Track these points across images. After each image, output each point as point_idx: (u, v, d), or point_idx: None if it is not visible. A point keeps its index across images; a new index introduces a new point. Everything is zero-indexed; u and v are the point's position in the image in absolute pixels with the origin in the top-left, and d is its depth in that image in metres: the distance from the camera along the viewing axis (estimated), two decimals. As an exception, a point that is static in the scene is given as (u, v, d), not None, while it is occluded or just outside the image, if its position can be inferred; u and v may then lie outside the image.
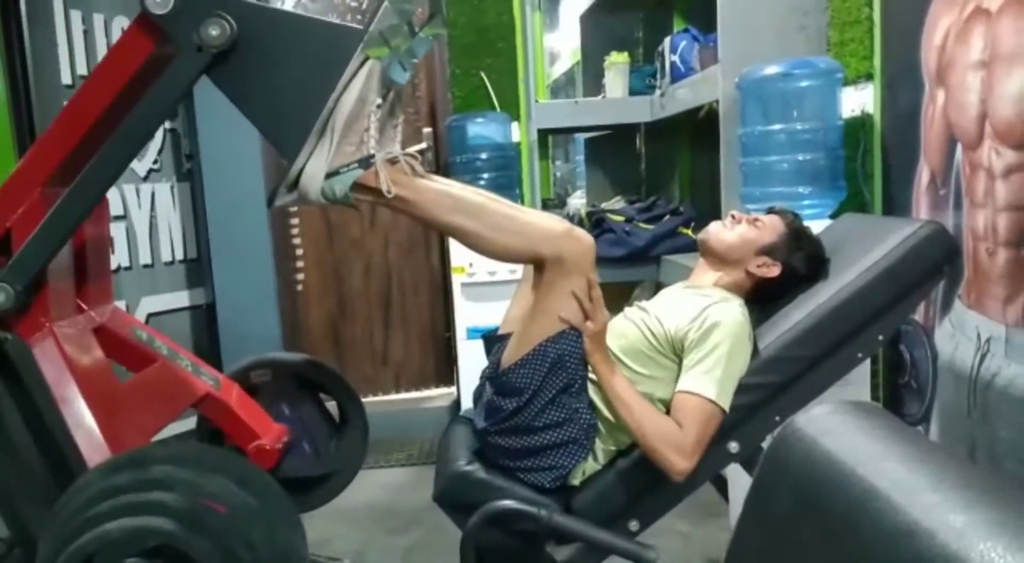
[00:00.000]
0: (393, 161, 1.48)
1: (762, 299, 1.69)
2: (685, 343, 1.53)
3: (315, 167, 1.42)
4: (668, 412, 1.52)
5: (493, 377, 1.57)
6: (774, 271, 1.66)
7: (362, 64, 1.42)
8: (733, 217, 1.72)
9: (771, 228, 1.69)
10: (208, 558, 1.14)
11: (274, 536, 1.21)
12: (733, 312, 1.54)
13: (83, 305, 1.65)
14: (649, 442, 1.48)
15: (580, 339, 1.50)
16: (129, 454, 1.27)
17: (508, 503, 1.48)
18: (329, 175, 1.43)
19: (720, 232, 1.71)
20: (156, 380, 1.66)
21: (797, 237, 1.69)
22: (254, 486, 1.26)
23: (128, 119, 1.39)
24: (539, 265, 1.51)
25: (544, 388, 1.50)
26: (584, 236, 1.50)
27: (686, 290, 1.69)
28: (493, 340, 1.68)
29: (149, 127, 1.45)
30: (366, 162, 1.44)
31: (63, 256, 1.52)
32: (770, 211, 1.75)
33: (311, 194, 1.44)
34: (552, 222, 1.52)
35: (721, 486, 2.43)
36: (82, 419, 1.41)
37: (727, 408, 1.48)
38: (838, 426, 0.66)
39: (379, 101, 1.46)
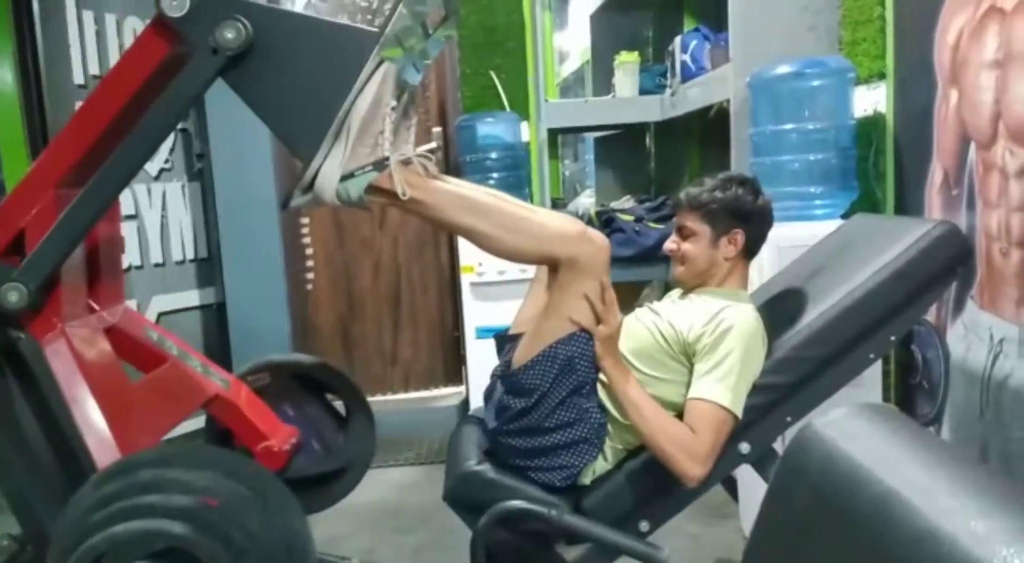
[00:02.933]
0: (406, 162, 1.49)
1: (755, 253, 1.66)
2: (697, 347, 1.52)
3: (330, 169, 1.43)
4: (678, 415, 1.51)
5: (504, 376, 1.57)
6: (740, 238, 1.61)
7: (377, 66, 1.42)
8: (673, 250, 1.66)
9: (696, 224, 1.62)
10: (205, 550, 1.15)
11: (272, 522, 1.21)
12: (746, 316, 1.53)
13: (94, 305, 1.66)
14: (663, 448, 1.47)
15: (591, 341, 1.50)
16: (117, 462, 1.28)
17: (518, 503, 1.48)
18: (344, 177, 1.43)
19: (683, 270, 1.65)
20: (166, 381, 1.66)
21: (716, 202, 1.61)
22: (244, 476, 1.27)
23: (142, 121, 1.40)
24: (553, 266, 1.51)
25: (554, 389, 1.50)
26: (598, 238, 1.50)
27: (695, 294, 1.67)
28: (505, 340, 1.68)
29: (163, 129, 1.46)
30: (381, 164, 1.45)
31: (75, 256, 1.52)
32: (675, 210, 1.68)
33: (326, 196, 1.44)
34: (566, 223, 1.51)
35: (731, 487, 2.41)
36: (92, 420, 1.42)
37: (740, 415, 1.48)
38: (856, 429, 0.66)
39: (394, 103, 1.46)
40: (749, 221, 1.62)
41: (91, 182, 1.41)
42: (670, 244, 1.67)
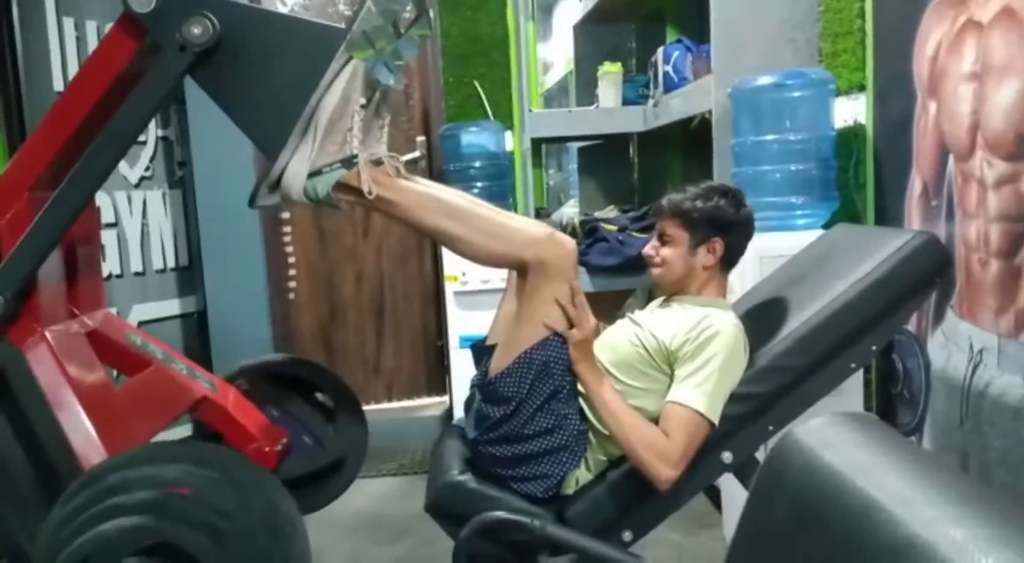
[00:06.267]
0: (377, 162, 1.48)
1: (734, 264, 1.66)
2: (679, 354, 1.52)
3: (297, 166, 1.42)
4: (658, 424, 1.51)
5: (481, 386, 1.56)
6: (719, 247, 1.61)
7: (345, 63, 1.42)
8: (651, 256, 1.66)
9: (676, 231, 1.62)
10: (185, 539, 1.15)
11: (250, 503, 1.21)
12: (728, 324, 1.53)
13: (75, 310, 1.63)
14: (635, 451, 1.48)
15: (565, 346, 1.50)
16: (85, 474, 1.27)
17: (501, 514, 1.47)
18: (312, 175, 1.42)
19: (660, 273, 1.65)
20: (152, 384, 1.63)
21: (697, 210, 1.60)
22: (214, 462, 1.26)
23: (113, 120, 1.38)
24: (522, 271, 1.51)
25: (531, 396, 1.49)
26: (566, 241, 1.50)
27: (676, 302, 1.67)
28: (482, 350, 1.67)
29: (135, 128, 1.44)
30: (349, 162, 1.44)
31: (54, 260, 1.50)
32: (657, 216, 1.67)
33: (293, 193, 1.43)
34: (535, 227, 1.52)
35: (714, 496, 2.42)
36: (79, 424, 1.40)
37: (716, 421, 1.48)
38: (836, 438, 0.66)
39: (363, 101, 1.46)
40: (729, 231, 1.62)
41: (63, 184, 1.39)
42: (648, 249, 1.68)
